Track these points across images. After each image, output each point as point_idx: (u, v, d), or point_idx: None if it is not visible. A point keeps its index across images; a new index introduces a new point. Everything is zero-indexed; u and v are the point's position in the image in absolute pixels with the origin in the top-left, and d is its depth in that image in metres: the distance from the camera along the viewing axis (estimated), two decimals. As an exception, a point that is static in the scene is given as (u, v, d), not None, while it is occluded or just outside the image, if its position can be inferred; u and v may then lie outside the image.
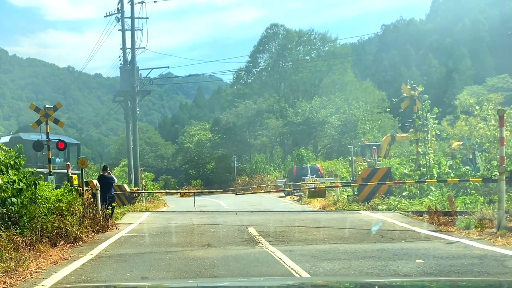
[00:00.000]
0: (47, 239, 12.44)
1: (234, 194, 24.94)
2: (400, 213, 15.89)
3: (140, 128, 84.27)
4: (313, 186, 23.96)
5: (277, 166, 50.11)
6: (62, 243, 12.62)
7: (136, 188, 30.94)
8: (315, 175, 31.82)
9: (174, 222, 16.89)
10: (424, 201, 18.36)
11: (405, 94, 20.58)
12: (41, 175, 15.72)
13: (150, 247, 11.35)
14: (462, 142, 28.09)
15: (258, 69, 65.20)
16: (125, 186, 29.52)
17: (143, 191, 30.43)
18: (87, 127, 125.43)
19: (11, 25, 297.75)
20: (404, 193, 20.07)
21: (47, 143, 19.47)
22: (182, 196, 24.87)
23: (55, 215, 14.11)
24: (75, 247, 12.12)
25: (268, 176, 47.10)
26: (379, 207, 18.31)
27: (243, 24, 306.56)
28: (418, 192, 19.89)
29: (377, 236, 11.70)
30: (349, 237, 11.79)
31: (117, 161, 64.75)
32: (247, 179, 49.47)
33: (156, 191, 35.52)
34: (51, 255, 10.57)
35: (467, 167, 21.41)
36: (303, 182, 28.90)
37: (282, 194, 37.02)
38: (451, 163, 22.49)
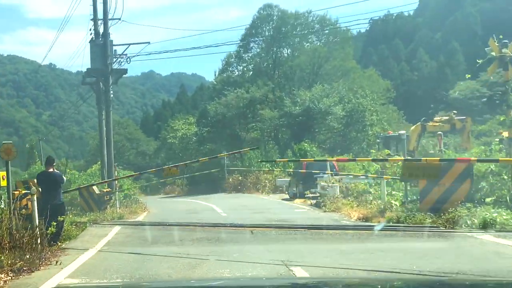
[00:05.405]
0: None
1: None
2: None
3: (120, 123, 77.53)
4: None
5: (275, 163, 43.68)
6: None
7: (107, 190, 24.52)
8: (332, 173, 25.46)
9: (156, 247, 10.48)
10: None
11: (493, 53, 14.20)
12: None
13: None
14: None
15: (250, 55, 58.56)
16: (94, 187, 23.18)
17: (115, 191, 24.18)
18: (69, 125, 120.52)
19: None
20: (488, 199, 13.91)
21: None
22: (166, 175, 18.81)
23: None
24: None
25: (265, 175, 40.93)
26: (468, 221, 12.09)
27: (226, 23, 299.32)
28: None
29: None
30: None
31: (96, 157, 57.99)
32: (239, 177, 43.42)
33: (130, 187, 29.36)
34: None
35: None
36: (328, 183, 22.36)
37: (285, 196, 31.23)
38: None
